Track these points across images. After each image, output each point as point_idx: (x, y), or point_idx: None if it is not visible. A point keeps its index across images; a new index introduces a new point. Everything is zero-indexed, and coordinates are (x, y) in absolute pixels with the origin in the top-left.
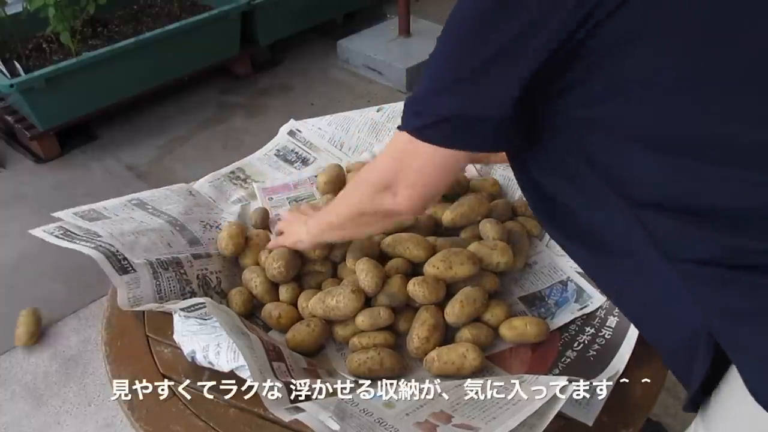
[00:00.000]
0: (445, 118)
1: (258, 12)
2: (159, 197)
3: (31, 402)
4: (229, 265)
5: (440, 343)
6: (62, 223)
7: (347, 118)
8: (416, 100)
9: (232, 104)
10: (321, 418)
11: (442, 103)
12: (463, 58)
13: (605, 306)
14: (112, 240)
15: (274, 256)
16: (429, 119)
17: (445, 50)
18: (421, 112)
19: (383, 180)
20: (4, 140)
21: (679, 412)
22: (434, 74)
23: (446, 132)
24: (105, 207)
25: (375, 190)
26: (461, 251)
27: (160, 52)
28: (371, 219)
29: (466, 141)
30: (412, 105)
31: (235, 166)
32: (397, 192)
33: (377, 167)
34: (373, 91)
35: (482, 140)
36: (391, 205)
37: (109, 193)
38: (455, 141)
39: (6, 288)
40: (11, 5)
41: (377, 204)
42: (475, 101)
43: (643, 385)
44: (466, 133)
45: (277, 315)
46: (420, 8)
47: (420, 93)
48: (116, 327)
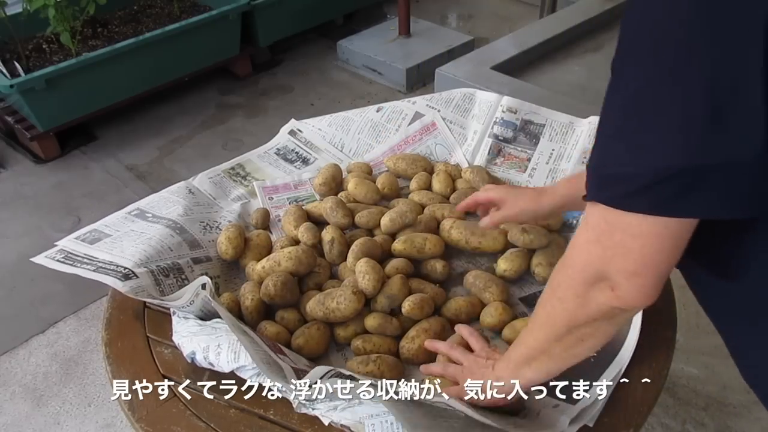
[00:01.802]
0: (666, 174)
1: (258, 12)
2: (158, 202)
3: (31, 402)
4: (228, 269)
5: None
6: (64, 247)
7: (347, 119)
8: (605, 161)
9: (232, 104)
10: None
11: (653, 153)
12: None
13: None
14: (113, 258)
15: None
16: (642, 180)
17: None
18: (627, 172)
19: (592, 275)
20: (4, 140)
21: (679, 412)
22: (627, 122)
23: (668, 194)
24: (106, 225)
25: (583, 291)
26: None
27: (160, 52)
28: (587, 330)
29: (700, 203)
30: (606, 165)
31: (234, 162)
32: (616, 284)
33: (575, 263)
34: (373, 91)
35: (725, 199)
36: (612, 301)
37: (109, 194)
38: (684, 205)
39: (6, 288)
40: (11, 5)
41: (591, 307)
42: (709, 143)
43: (643, 385)
44: (699, 192)
45: (275, 332)
46: (420, 8)
47: (617, 146)
48: (116, 327)
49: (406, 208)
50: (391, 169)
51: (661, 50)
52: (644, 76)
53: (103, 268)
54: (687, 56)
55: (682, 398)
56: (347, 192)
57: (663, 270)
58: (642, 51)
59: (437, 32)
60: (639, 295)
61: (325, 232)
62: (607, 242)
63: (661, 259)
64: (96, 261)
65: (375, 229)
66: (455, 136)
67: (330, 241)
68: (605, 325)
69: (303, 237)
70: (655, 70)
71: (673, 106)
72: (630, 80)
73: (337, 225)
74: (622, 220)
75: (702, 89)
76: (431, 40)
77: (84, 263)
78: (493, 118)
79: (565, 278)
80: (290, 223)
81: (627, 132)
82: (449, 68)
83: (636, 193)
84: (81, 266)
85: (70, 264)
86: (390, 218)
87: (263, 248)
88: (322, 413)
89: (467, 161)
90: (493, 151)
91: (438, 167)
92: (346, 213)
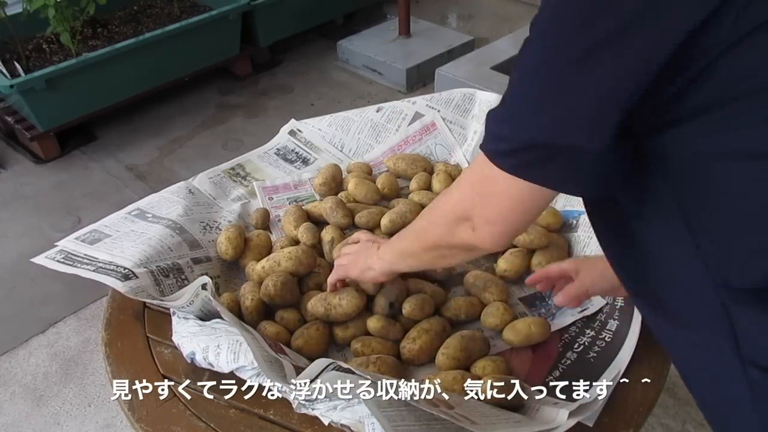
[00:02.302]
0: (528, 144)
1: (258, 12)
2: (158, 202)
3: (31, 402)
4: (228, 269)
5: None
6: (64, 247)
7: (347, 119)
8: (501, 118)
9: (232, 104)
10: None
11: (527, 125)
12: (554, 67)
13: (605, 309)
14: (113, 258)
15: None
16: (510, 144)
17: (532, 57)
18: (504, 134)
19: (460, 210)
20: (4, 141)
21: (679, 412)
22: (522, 89)
23: (528, 161)
24: (105, 225)
25: (451, 222)
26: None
27: (159, 52)
28: (448, 252)
29: (549, 175)
30: (495, 123)
31: (234, 162)
32: (476, 225)
33: (453, 196)
34: (373, 92)
35: (569, 177)
36: (470, 239)
37: (109, 194)
38: (538, 174)
39: (6, 288)
40: (11, 6)
41: (454, 237)
42: (565, 125)
43: (643, 385)
44: (550, 166)
45: (275, 332)
46: (420, 8)
47: (506, 110)
48: (116, 327)
49: (406, 209)
50: (391, 169)
51: (556, 29)
52: (537, 48)
53: (103, 269)
54: (572, 41)
55: (682, 398)
56: (347, 192)
57: (515, 225)
58: (542, 24)
59: (437, 32)
60: (491, 240)
61: (325, 232)
62: (478, 189)
63: (514, 216)
64: (96, 261)
65: (375, 229)
66: (455, 136)
67: (330, 241)
68: (463, 253)
69: (303, 237)
70: (545, 46)
71: (547, 83)
72: (528, 48)
73: (337, 225)
74: (492, 173)
75: (570, 76)
76: (431, 40)
77: (84, 263)
78: None
79: (442, 207)
80: (290, 223)
81: (515, 96)
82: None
83: (505, 153)
84: (81, 266)
85: (70, 264)
86: (390, 219)
87: (263, 248)
88: (322, 413)
89: (467, 161)
90: None
91: (438, 167)
92: (346, 213)
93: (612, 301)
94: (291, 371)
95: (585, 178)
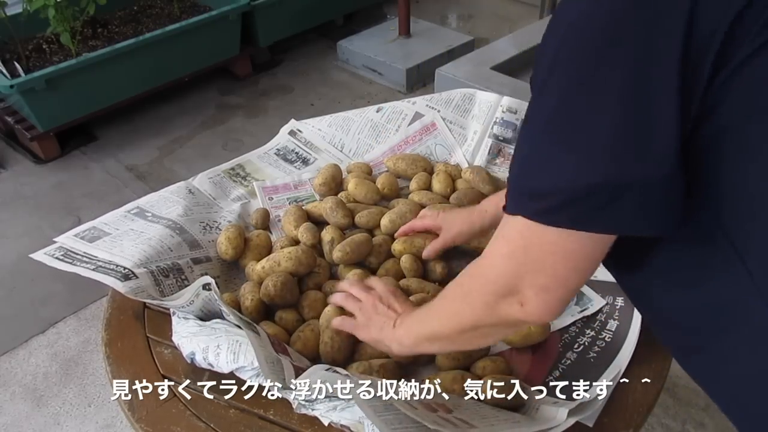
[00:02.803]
0: (580, 193)
1: (258, 12)
2: (158, 201)
3: (31, 403)
4: (228, 269)
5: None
6: (63, 244)
7: (347, 119)
8: (531, 175)
9: (232, 105)
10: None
11: (570, 170)
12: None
13: (605, 310)
14: (113, 258)
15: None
16: (559, 197)
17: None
18: (544, 189)
19: (503, 287)
20: (4, 141)
21: (679, 412)
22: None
23: (586, 210)
24: (105, 222)
25: (492, 301)
26: None
27: (160, 52)
28: (490, 331)
29: (617, 218)
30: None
31: (234, 163)
32: (526, 298)
33: (488, 273)
34: (373, 92)
35: (641, 215)
36: (518, 314)
37: (109, 194)
38: (602, 221)
39: (6, 288)
40: (11, 5)
41: (498, 316)
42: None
43: (643, 385)
44: (616, 207)
45: (273, 333)
46: (420, 8)
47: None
48: (116, 327)
49: (406, 209)
50: (391, 169)
51: (578, 68)
52: (562, 92)
53: (102, 268)
54: (603, 74)
55: (682, 398)
56: (347, 192)
57: (572, 287)
58: (561, 67)
59: (437, 32)
60: (545, 310)
61: (324, 232)
62: (522, 258)
63: (573, 277)
64: (95, 260)
65: (375, 229)
66: (455, 136)
67: (330, 242)
68: (508, 330)
69: (303, 237)
70: (572, 87)
71: (589, 124)
72: (550, 95)
73: (337, 225)
74: (538, 235)
75: (615, 108)
76: (431, 41)
77: (83, 262)
78: (493, 118)
79: (476, 287)
80: (290, 223)
81: (547, 147)
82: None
83: (555, 208)
84: (80, 265)
85: (69, 262)
86: (390, 219)
87: (263, 248)
88: (322, 413)
89: (467, 161)
90: (493, 152)
91: (438, 167)
92: (346, 213)
93: (612, 301)
94: (291, 372)
95: (656, 211)
